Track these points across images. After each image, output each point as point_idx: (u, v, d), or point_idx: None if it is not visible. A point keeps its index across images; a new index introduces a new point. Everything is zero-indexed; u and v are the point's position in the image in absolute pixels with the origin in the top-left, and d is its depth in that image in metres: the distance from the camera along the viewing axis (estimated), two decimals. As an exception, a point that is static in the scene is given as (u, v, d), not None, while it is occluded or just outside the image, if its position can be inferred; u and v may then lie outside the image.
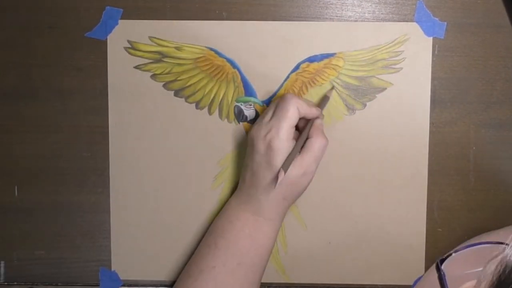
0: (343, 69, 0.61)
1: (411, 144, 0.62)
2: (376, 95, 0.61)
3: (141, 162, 0.63)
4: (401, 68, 0.61)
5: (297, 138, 0.56)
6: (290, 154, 0.54)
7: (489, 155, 0.62)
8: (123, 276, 0.64)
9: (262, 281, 0.62)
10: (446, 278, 0.38)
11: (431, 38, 0.61)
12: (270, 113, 0.56)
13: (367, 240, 0.63)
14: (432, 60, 0.61)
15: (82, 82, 0.62)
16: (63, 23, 0.62)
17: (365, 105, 0.61)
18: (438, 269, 0.39)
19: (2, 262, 0.64)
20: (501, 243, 0.33)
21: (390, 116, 0.61)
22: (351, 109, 0.62)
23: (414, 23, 0.61)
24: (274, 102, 0.58)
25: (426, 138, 0.61)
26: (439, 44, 0.61)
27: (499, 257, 0.33)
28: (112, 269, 0.64)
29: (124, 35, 0.61)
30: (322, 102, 0.60)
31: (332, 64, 0.61)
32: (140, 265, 0.63)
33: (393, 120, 0.61)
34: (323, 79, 0.61)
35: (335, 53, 0.61)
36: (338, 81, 0.61)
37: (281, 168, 0.53)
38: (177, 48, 0.62)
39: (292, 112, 0.55)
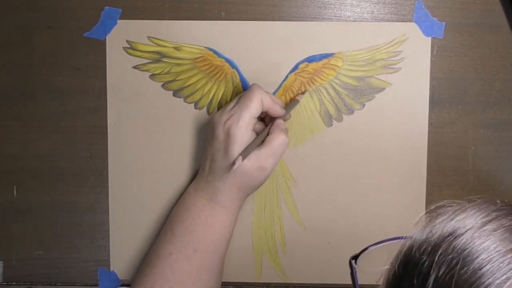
0: (341, 69, 0.61)
1: (410, 144, 0.62)
2: (375, 95, 0.61)
3: (139, 162, 0.63)
4: (400, 68, 0.61)
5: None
6: (250, 145, 0.55)
7: (488, 155, 0.62)
8: (121, 276, 0.64)
9: (262, 281, 0.62)
10: (357, 274, 0.39)
11: (430, 38, 0.61)
12: (234, 101, 0.57)
13: (366, 240, 0.62)
14: (431, 60, 0.61)
15: (81, 82, 0.62)
16: (62, 23, 0.62)
17: (363, 105, 0.61)
18: (351, 265, 0.39)
19: (1, 262, 0.64)
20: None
21: (389, 116, 0.61)
22: (349, 109, 0.62)
23: (413, 23, 0.61)
24: (241, 93, 0.58)
25: (425, 138, 0.61)
26: (438, 44, 0.61)
27: (408, 241, 0.34)
28: (111, 269, 0.64)
29: (123, 35, 0.61)
30: (291, 104, 0.60)
31: (331, 64, 0.61)
32: (139, 266, 0.63)
33: (391, 120, 0.61)
34: (322, 79, 0.61)
35: (334, 53, 0.61)
36: (337, 81, 0.61)
37: (240, 155, 0.53)
38: (176, 48, 0.62)
39: (255, 103, 0.55)
